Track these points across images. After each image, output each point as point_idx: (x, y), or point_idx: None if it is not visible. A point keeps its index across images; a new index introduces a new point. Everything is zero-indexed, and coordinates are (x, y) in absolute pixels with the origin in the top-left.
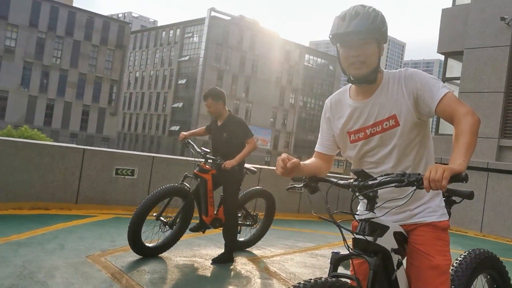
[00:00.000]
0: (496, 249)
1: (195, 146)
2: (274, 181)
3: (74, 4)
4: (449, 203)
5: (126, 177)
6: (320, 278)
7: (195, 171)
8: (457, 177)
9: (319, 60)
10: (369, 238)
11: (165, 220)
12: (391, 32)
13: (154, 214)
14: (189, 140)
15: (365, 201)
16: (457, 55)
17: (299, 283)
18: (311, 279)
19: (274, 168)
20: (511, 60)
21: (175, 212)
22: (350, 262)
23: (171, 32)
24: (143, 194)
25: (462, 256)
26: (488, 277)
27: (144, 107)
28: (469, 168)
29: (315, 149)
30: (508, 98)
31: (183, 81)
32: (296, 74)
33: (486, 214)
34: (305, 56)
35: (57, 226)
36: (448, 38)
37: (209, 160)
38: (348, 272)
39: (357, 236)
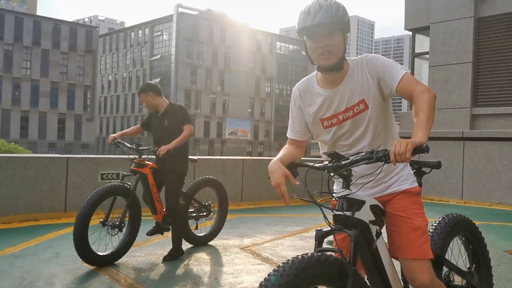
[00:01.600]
0: (477, 214)
1: (126, 143)
2: (258, 169)
3: (38, 13)
4: (419, 174)
5: (112, 181)
6: (307, 254)
7: (132, 167)
8: (419, 149)
9: (290, 46)
10: (348, 213)
11: (111, 223)
12: (360, 12)
13: (100, 221)
14: (119, 140)
15: (341, 180)
16: (424, 30)
17: (288, 260)
18: (298, 255)
19: (257, 158)
20: (476, 31)
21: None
22: (333, 237)
23: (140, 32)
24: None
25: (437, 221)
26: (463, 238)
27: (120, 110)
28: (445, 139)
29: (288, 136)
30: (476, 68)
31: (157, 80)
32: (269, 62)
33: (465, 181)
34: (277, 44)
35: (49, 235)
36: (414, 14)
37: (144, 154)
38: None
39: (336, 213)
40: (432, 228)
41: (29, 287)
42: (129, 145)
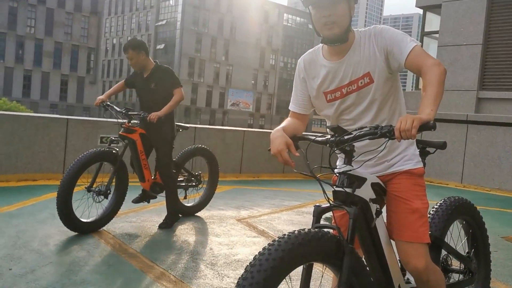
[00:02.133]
0: (476, 199)
1: (115, 107)
2: (258, 142)
3: None
4: (423, 154)
5: (112, 145)
6: (304, 229)
7: (120, 132)
8: (425, 126)
9: (298, 19)
10: (348, 190)
11: (97, 189)
12: None
13: (85, 186)
14: (108, 102)
15: (343, 155)
16: (435, 8)
17: (284, 234)
18: (295, 230)
19: (258, 130)
20: (488, 12)
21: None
22: (332, 214)
23: None
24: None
25: (438, 204)
26: (464, 222)
27: (124, 74)
28: (448, 121)
29: (290, 109)
30: (486, 51)
31: (161, 46)
32: (275, 34)
33: (466, 165)
34: (284, 16)
35: (46, 196)
36: None
37: (133, 119)
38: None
39: (336, 189)
40: (432, 211)
41: (24, 247)
42: (118, 109)
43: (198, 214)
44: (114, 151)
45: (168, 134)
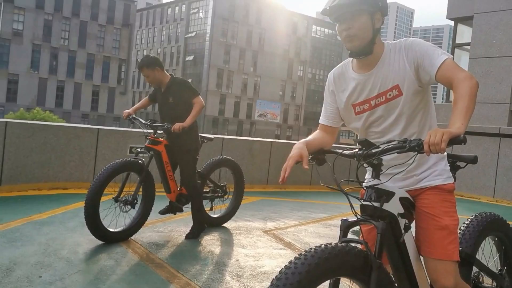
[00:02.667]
0: (509, 214)
1: (141, 119)
2: (285, 153)
3: None
4: (454, 168)
5: (139, 155)
6: (331, 243)
7: (146, 144)
8: (455, 140)
9: (326, 30)
10: (376, 204)
11: (124, 199)
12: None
13: (113, 197)
14: (134, 116)
15: (371, 169)
16: (467, 20)
17: (311, 248)
18: (321, 244)
19: (286, 141)
20: None
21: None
22: (360, 228)
23: (177, 8)
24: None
25: (469, 219)
26: (496, 239)
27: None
28: (480, 134)
29: (320, 122)
30: None
31: (191, 58)
32: (303, 46)
33: (498, 179)
34: (312, 27)
35: (76, 204)
36: (458, 3)
37: (158, 130)
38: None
39: (364, 203)
40: (463, 226)
41: (54, 254)
42: (143, 121)
43: (224, 225)
44: (140, 161)
45: (191, 145)
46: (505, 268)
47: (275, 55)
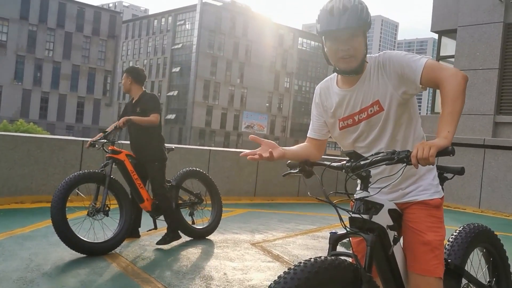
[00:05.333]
0: (494, 224)
1: (94, 138)
2: (272, 164)
3: None
4: (441, 180)
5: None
6: (320, 257)
7: (107, 155)
8: (443, 152)
9: (312, 43)
10: (365, 216)
11: (91, 207)
12: (384, 12)
13: (87, 213)
14: (92, 141)
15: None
16: (450, 33)
17: (300, 262)
18: (311, 258)
19: None
20: (504, 36)
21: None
22: (349, 241)
23: (163, 20)
24: None
25: (457, 231)
26: (484, 250)
27: None
28: (465, 145)
29: (308, 135)
30: (502, 75)
31: (177, 69)
32: (290, 58)
33: (483, 190)
34: (299, 40)
35: None
36: (441, 16)
37: (112, 137)
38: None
39: (353, 215)
40: (452, 238)
41: (36, 270)
42: (96, 137)
43: (212, 237)
44: (102, 171)
45: (155, 155)
46: (494, 279)
47: (262, 67)
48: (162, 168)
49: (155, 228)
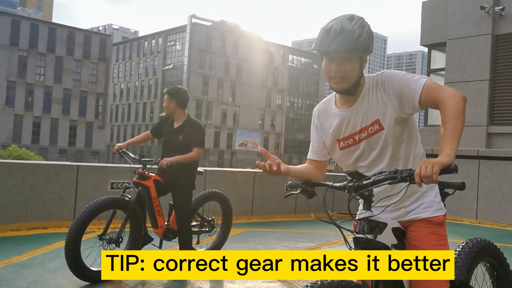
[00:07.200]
0: (493, 235)
1: (130, 154)
2: (269, 182)
3: (54, 20)
4: (442, 196)
5: (126, 191)
6: (327, 280)
7: (134, 179)
8: (447, 170)
9: (302, 59)
10: (369, 236)
11: (108, 237)
12: (373, 27)
13: (98, 234)
14: (124, 150)
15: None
16: (440, 46)
17: (306, 285)
18: (317, 281)
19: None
20: (493, 48)
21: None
22: None
23: (153, 41)
24: None
25: (461, 246)
26: (488, 265)
27: (132, 118)
28: (460, 157)
29: (308, 157)
30: (493, 86)
31: None
32: (281, 75)
33: (480, 201)
34: (289, 57)
35: (56, 244)
36: (430, 30)
37: (147, 165)
38: None
39: (357, 235)
40: (456, 254)
41: None
42: (132, 156)
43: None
44: (126, 198)
45: (186, 180)
46: None
47: (253, 85)
48: (190, 197)
49: (160, 248)
